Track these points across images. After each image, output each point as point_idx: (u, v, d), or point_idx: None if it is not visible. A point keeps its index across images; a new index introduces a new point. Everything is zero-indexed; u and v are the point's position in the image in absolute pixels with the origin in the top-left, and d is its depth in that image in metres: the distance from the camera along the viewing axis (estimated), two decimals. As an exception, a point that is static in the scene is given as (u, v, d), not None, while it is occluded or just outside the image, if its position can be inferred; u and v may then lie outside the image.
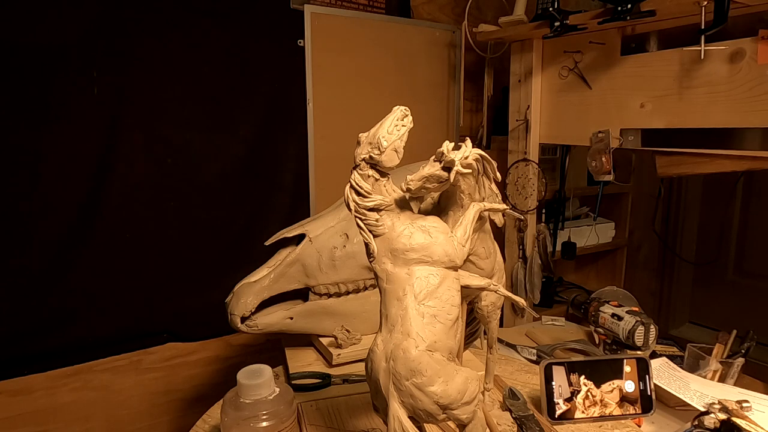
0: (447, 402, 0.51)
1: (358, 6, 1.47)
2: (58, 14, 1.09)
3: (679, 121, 1.11)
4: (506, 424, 0.79)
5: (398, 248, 0.52)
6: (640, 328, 1.06)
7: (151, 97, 1.21)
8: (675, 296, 2.26)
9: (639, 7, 1.06)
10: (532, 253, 1.51)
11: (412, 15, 1.59)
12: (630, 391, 0.82)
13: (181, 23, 1.21)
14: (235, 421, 0.64)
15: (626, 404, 0.82)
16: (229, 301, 0.93)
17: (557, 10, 1.22)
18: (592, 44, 1.27)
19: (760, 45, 0.97)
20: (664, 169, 1.16)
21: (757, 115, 0.99)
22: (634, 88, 1.19)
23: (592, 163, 1.24)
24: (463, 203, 0.58)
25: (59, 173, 1.13)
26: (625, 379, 0.83)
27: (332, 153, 1.47)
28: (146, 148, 1.22)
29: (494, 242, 0.67)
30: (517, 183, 1.50)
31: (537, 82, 1.42)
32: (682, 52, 1.08)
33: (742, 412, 0.79)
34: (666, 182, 1.96)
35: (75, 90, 1.13)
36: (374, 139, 0.51)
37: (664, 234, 2.15)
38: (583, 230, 1.82)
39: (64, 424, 1.24)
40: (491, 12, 1.67)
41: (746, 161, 1.02)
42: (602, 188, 1.66)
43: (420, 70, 1.62)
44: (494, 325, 0.75)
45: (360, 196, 0.52)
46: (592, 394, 0.82)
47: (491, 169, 0.60)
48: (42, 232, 1.13)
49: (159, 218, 1.26)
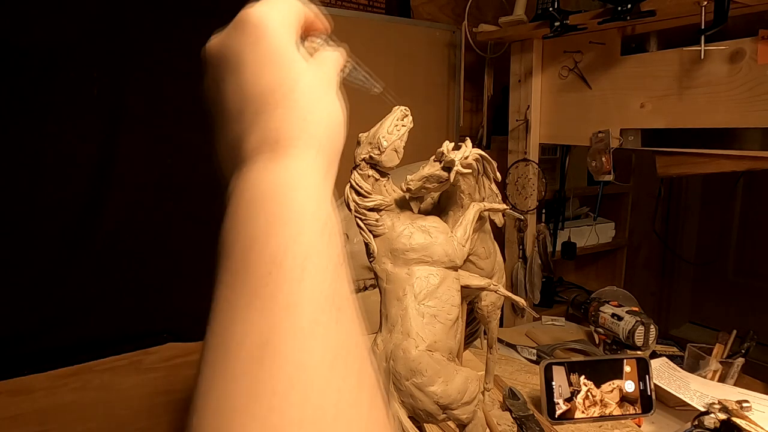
0: (447, 402, 0.51)
1: (358, 6, 1.47)
2: (58, 14, 1.09)
3: (679, 121, 1.11)
4: (506, 424, 0.79)
5: (398, 248, 0.52)
6: (640, 328, 1.06)
7: (151, 97, 1.21)
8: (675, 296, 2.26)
9: (639, 7, 1.06)
10: (532, 253, 1.51)
11: (412, 15, 1.59)
12: (630, 391, 0.82)
13: (181, 23, 1.21)
14: (235, 421, 0.64)
15: (626, 404, 0.82)
16: (229, 301, 0.93)
17: (557, 10, 1.21)
18: (592, 44, 1.27)
19: (760, 45, 0.97)
20: (664, 169, 1.16)
21: (757, 115, 0.99)
22: (634, 88, 1.19)
23: (592, 163, 1.24)
24: (463, 203, 0.58)
25: (59, 173, 1.13)
26: (625, 379, 0.83)
27: (332, 153, 1.47)
28: (146, 148, 1.22)
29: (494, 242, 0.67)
30: (517, 183, 1.50)
31: (537, 82, 1.42)
32: (682, 52, 1.08)
33: (742, 412, 0.79)
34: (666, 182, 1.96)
35: (75, 90, 1.13)
36: (374, 139, 0.51)
37: (664, 234, 2.15)
38: (583, 230, 1.82)
39: (64, 424, 1.23)
40: (491, 12, 1.67)
41: (746, 161, 1.02)
42: (602, 188, 1.66)
43: (420, 70, 1.61)
44: (494, 325, 0.75)
45: (360, 196, 0.52)
46: (592, 394, 0.82)
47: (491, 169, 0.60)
48: (42, 232, 1.13)
49: (159, 218, 1.26)
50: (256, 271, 0.23)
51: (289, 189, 0.25)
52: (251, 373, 0.20)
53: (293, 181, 0.26)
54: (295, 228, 0.24)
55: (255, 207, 0.25)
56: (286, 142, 0.27)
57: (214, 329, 0.23)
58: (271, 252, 0.23)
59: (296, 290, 0.22)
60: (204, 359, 0.23)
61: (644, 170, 1.94)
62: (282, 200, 0.25)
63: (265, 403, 0.20)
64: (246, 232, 0.24)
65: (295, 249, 0.23)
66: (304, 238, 0.24)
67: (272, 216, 0.24)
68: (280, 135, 0.27)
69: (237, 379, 0.21)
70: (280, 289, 0.22)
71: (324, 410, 0.20)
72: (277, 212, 0.24)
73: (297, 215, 0.24)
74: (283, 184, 0.25)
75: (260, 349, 0.21)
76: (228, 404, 0.20)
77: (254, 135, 0.28)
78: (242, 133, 0.28)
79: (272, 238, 0.23)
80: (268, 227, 0.24)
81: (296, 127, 0.27)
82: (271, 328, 0.21)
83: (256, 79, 0.28)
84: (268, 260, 0.23)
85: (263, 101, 0.28)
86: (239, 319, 0.22)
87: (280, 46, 0.29)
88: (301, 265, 0.23)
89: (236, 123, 0.29)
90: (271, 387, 0.20)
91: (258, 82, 0.28)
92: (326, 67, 0.32)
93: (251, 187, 0.26)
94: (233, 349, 0.21)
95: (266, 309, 0.22)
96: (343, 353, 0.22)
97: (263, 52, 0.29)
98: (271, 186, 0.25)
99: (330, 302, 0.23)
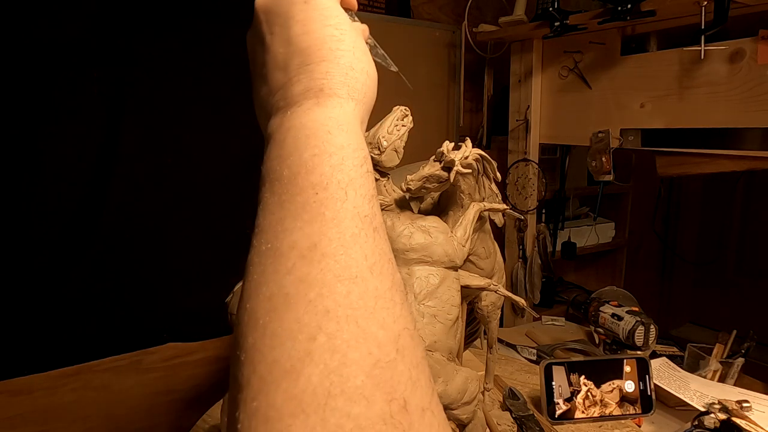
0: (447, 402, 0.51)
1: (358, 6, 1.47)
2: (58, 14, 1.09)
3: (679, 121, 1.11)
4: (506, 424, 0.79)
5: (398, 248, 0.52)
6: (640, 328, 1.06)
7: (151, 97, 1.21)
8: (675, 296, 2.26)
9: (639, 7, 1.06)
10: (532, 253, 1.51)
11: (412, 15, 1.59)
12: (630, 391, 0.82)
13: (181, 23, 1.21)
14: (235, 421, 0.64)
15: (626, 404, 0.82)
16: (229, 301, 0.93)
17: (557, 10, 1.22)
18: (592, 44, 1.27)
19: (760, 45, 0.97)
20: (664, 169, 1.16)
21: (757, 115, 0.99)
22: (634, 88, 1.19)
23: (592, 163, 1.24)
24: (463, 203, 0.58)
25: (59, 173, 1.13)
26: (625, 379, 0.83)
27: (332, 153, 1.47)
28: (146, 148, 1.22)
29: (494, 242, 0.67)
30: (517, 183, 1.50)
31: (537, 82, 1.42)
32: (682, 52, 1.08)
33: (742, 412, 0.79)
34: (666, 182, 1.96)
35: (75, 90, 1.13)
36: (374, 139, 0.51)
37: (664, 234, 2.16)
38: (583, 230, 1.82)
39: (64, 424, 1.23)
40: (491, 12, 1.67)
41: (746, 161, 1.02)
42: (602, 188, 1.66)
43: (420, 70, 1.61)
44: (494, 325, 0.75)
45: (360, 196, 0.52)
46: (592, 394, 0.82)
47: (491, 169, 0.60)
48: (42, 232, 1.13)
49: (159, 218, 1.26)
50: (303, 192, 0.26)
51: (333, 128, 0.29)
52: (302, 268, 0.24)
53: (337, 123, 0.29)
54: (337, 159, 0.28)
55: (301, 141, 0.29)
56: (330, 91, 0.31)
57: (262, 238, 0.26)
58: (317, 177, 0.27)
59: (340, 208, 0.26)
60: (251, 262, 0.26)
61: (644, 170, 1.93)
62: (326, 137, 0.28)
63: (315, 290, 0.23)
64: (293, 161, 0.28)
65: (338, 176, 0.27)
66: (345, 167, 0.27)
67: (317, 149, 0.28)
68: (325, 85, 0.31)
69: (290, 272, 0.24)
70: (326, 206, 0.26)
71: (365, 301, 0.23)
72: (322, 146, 0.28)
73: (339, 149, 0.28)
74: (328, 124, 0.29)
75: (310, 250, 0.24)
76: (282, 291, 0.24)
77: (300, 83, 0.31)
78: (287, 81, 0.32)
79: (318, 167, 0.27)
80: (314, 158, 0.27)
81: (339, 80, 0.31)
82: (319, 234, 0.25)
83: (304, 34, 0.32)
84: (315, 182, 0.27)
85: (310, 54, 0.32)
86: (289, 229, 0.26)
87: (328, 7, 0.33)
88: (344, 189, 0.27)
89: (281, 71, 0.33)
90: (320, 278, 0.23)
91: (305, 38, 0.32)
92: (360, 34, 0.37)
93: (298, 125, 0.30)
94: (284, 251, 0.25)
95: (314, 220, 0.25)
96: (379, 262, 0.25)
97: (312, 11, 0.33)
98: (317, 125, 0.29)
99: (368, 222, 0.26)
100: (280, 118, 0.31)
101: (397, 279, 0.26)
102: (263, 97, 0.35)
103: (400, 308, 0.25)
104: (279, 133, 0.30)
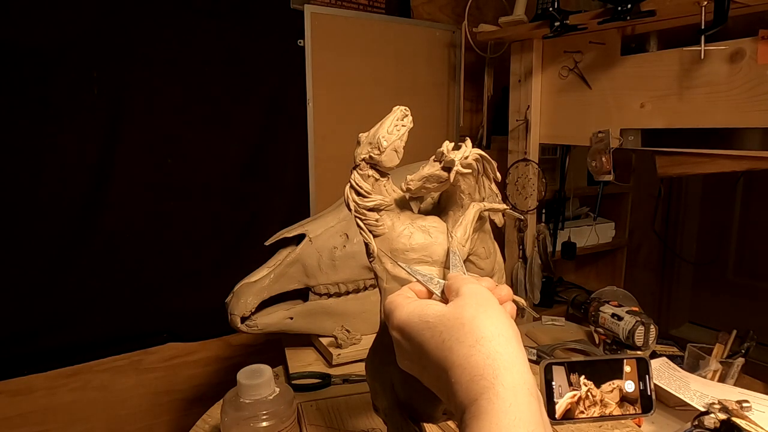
0: (447, 402, 0.51)
1: (358, 6, 1.47)
2: (58, 14, 1.09)
3: (679, 121, 1.11)
4: (506, 424, 0.79)
5: (398, 248, 0.52)
6: (640, 328, 1.06)
7: (151, 97, 1.21)
8: (675, 296, 2.26)
9: (639, 7, 1.06)
10: (532, 253, 1.51)
11: (412, 15, 1.59)
12: (630, 391, 0.82)
13: (181, 23, 1.21)
14: (235, 421, 0.64)
15: (626, 404, 0.82)
16: (229, 301, 0.93)
17: (557, 10, 1.21)
18: (592, 44, 1.26)
19: (760, 45, 0.97)
20: (664, 169, 1.16)
21: (757, 115, 0.99)
22: (634, 88, 1.19)
23: (592, 163, 1.24)
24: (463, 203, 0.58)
25: (59, 173, 1.13)
26: (625, 379, 0.83)
27: (332, 153, 1.47)
28: (146, 148, 1.22)
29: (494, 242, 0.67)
30: (517, 183, 1.50)
31: (537, 82, 1.42)
32: (682, 52, 1.08)
33: (742, 412, 0.79)
34: (666, 182, 1.96)
35: (75, 90, 1.13)
36: (374, 139, 0.51)
37: (664, 234, 2.16)
38: (583, 230, 1.82)
39: (64, 424, 1.24)
40: (491, 12, 1.67)
41: (746, 161, 1.02)
42: (602, 188, 1.66)
43: (420, 70, 1.62)
44: (494, 325, 0.74)
45: (360, 196, 0.52)
46: (592, 394, 0.82)
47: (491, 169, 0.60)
48: (42, 232, 1.13)
49: (159, 218, 1.26)
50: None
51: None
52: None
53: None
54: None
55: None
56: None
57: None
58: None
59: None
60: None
61: (644, 170, 1.94)
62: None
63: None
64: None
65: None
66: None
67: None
68: (491, 408, 0.34)
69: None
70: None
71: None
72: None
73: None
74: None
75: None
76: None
77: (468, 396, 0.35)
78: (453, 387, 0.36)
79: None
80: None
81: (501, 409, 0.34)
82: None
83: (466, 359, 0.36)
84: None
85: (474, 377, 0.35)
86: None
87: (493, 349, 0.36)
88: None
89: (445, 374, 0.37)
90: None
91: (468, 363, 0.36)
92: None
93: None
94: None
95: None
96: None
97: (476, 346, 0.36)
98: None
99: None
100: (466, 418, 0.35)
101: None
102: (430, 381, 0.40)
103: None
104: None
